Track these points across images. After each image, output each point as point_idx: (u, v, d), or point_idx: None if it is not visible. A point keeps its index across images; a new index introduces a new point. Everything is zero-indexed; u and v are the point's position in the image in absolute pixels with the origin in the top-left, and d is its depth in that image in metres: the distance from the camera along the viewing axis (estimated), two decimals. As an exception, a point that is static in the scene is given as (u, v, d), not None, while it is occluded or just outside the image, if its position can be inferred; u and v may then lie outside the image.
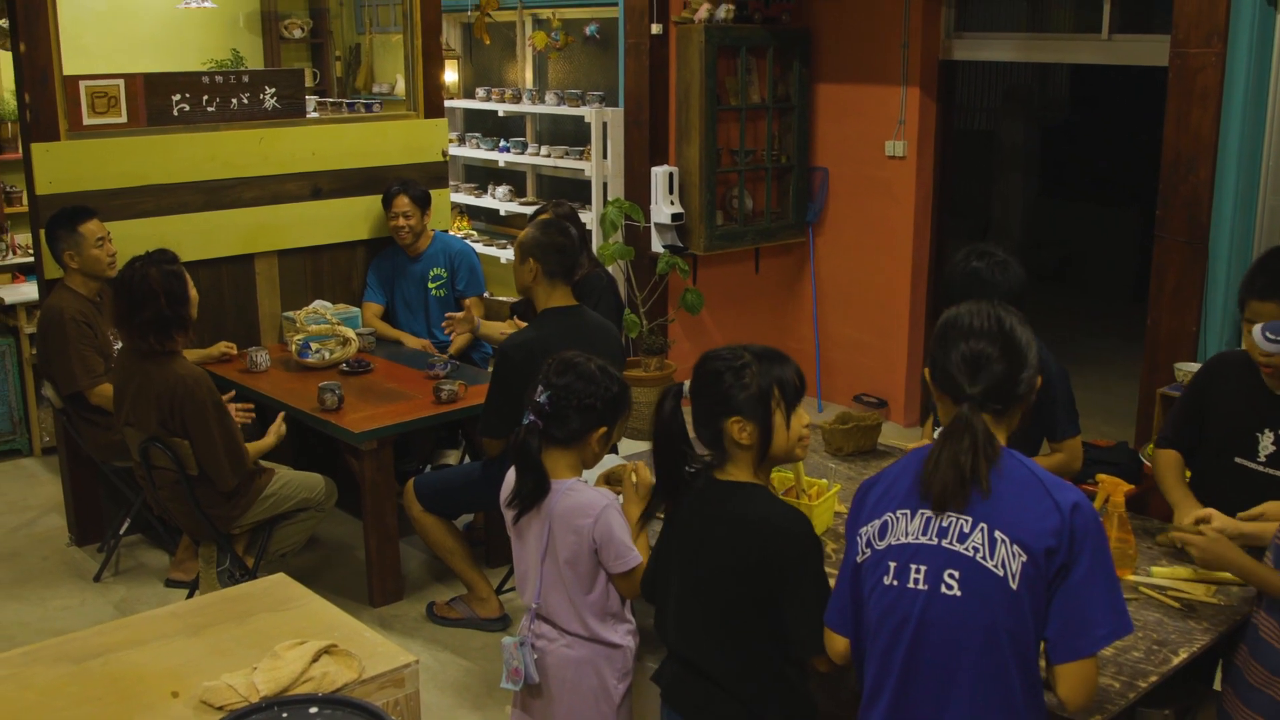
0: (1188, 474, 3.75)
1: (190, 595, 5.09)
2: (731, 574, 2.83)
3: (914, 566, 2.51)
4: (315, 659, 2.73)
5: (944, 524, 2.49)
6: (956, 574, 2.46)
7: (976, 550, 2.44)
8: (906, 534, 2.54)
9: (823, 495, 3.68)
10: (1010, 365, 2.54)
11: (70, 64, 5.62)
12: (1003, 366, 2.54)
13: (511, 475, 3.38)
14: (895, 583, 2.53)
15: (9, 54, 5.92)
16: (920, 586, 2.49)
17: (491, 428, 4.60)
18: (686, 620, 2.96)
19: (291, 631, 2.97)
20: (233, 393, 5.27)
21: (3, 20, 5.86)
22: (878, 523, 2.60)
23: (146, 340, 4.63)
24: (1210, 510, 3.22)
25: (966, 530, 2.47)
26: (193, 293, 4.80)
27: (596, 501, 3.23)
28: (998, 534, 2.43)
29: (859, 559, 2.63)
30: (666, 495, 3.08)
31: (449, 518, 5.05)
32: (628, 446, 6.09)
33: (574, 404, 3.25)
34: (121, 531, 5.66)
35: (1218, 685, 3.36)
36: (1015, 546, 2.41)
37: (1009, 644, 2.42)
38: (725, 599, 2.85)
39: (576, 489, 3.26)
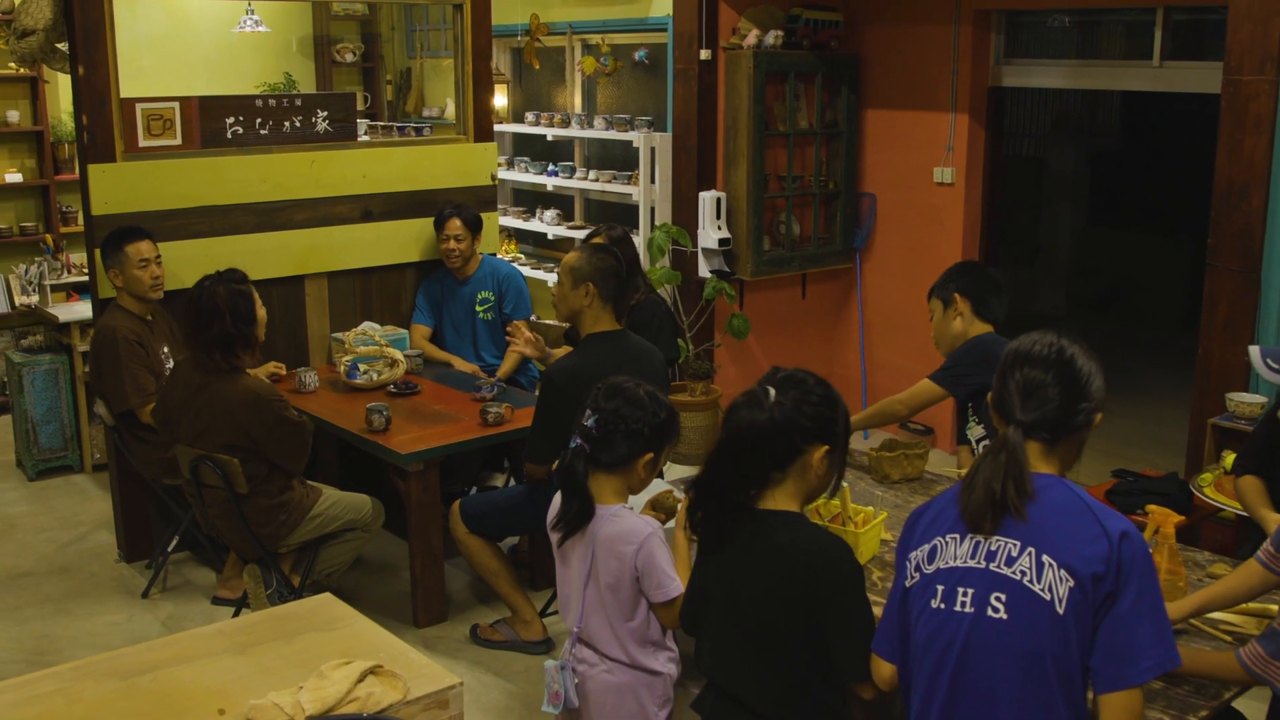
0: None
1: (236, 613, 5.13)
2: (774, 603, 2.81)
3: (961, 590, 2.51)
4: (361, 679, 2.75)
5: (993, 548, 2.49)
6: (1003, 597, 2.45)
7: (1024, 574, 2.44)
8: (956, 557, 2.53)
9: (869, 523, 3.66)
10: (1066, 394, 2.55)
11: (127, 87, 5.71)
12: (1058, 394, 2.54)
13: (558, 498, 3.38)
14: (943, 605, 2.53)
15: (68, 77, 6.01)
16: (967, 609, 2.49)
17: (536, 453, 4.61)
18: (726, 649, 2.94)
19: (337, 651, 2.99)
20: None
21: (63, 44, 5.94)
22: (927, 547, 2.60)
23: (213, 357, 4.70)
24: None
25: (1015, 554, 2.47)
26: (260, 312, 4.88)
27: (641, 529, 3.22)
28: (1045, 558, 2.43)
29: (907, 583, 2.63)
30: (721, 525, 2.92)
31: (494, 540, 5.06)
32: (674, 472, 6.09)
33: (621, 429, 3.25)
34: (170, 549, 5.71)
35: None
36: (1063, 571, 2.41)
37: (1053, 669, 2.41)
38: (767, 628, 2.83)
39: (622, 515, 3.26)
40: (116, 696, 2.83)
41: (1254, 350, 3.51)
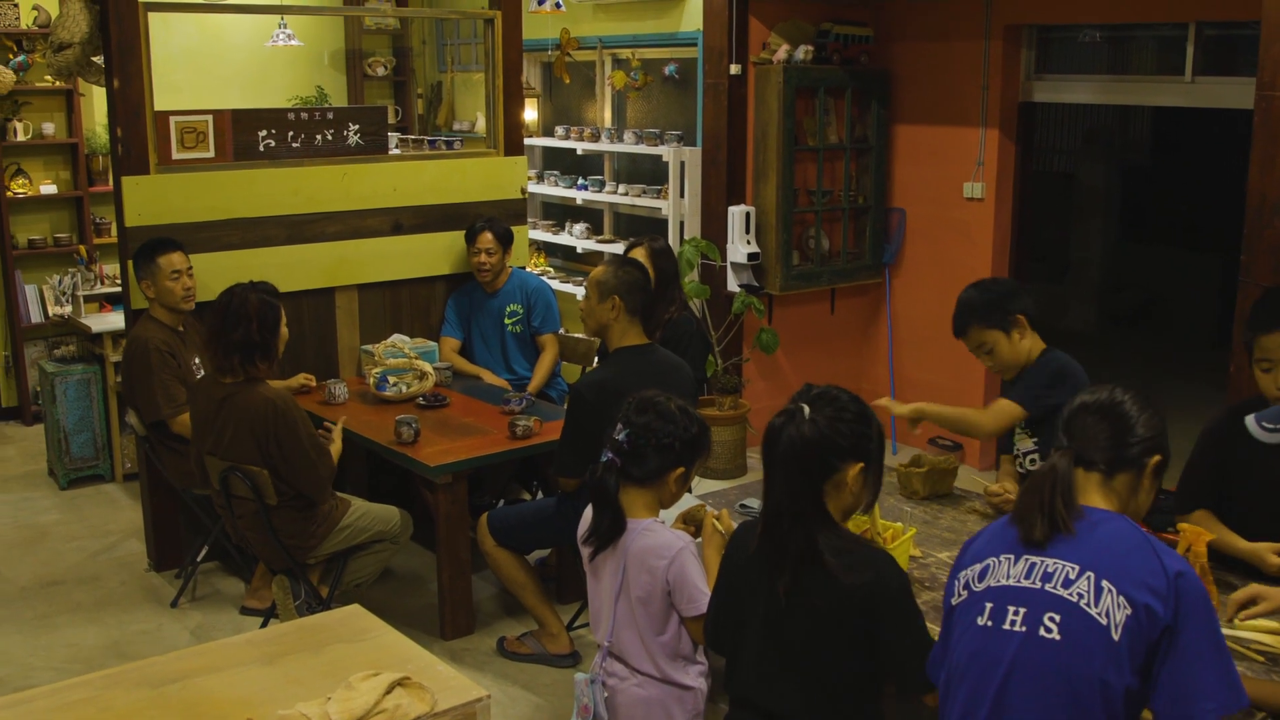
0: None
1: (265, 624, 5.15)
2: (821, 618, 2.78)
3: (1011, 608, 2.51)
4: (389, 691, 2.75)
5: (1049, 569, 2.50)
6: (1057, 618, 2.45)
7: (1081, 597, 2.45)
8: (1008, 576, 2.55)
9: (898, 539, 3.65)
10: (1114, 428, 2.62)
11: (161, 100, 5.76)
12: (1105, 427, 2.63)
13: (589, 512, 3.39)
14: (990, 623, 2.53)
15: (104, 90, 6.07)
16: (1017, 628, 2.49)
17: (565, 466, 4.62)
18: (765, 666, 2.89)
19: (366, 663, 2.99)
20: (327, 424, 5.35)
21: (99, 58, 6.00)
22: (979, 566, 2.62)
23: (231, 360, 4.73)
24: None
25: (1072, 577, 2.48)
26: (283, 329, 4.91)
27: (672, 544, 3.22)
28: (1105, 583, 2.44)
29: (954, 601, 2.63)
30: (801, 540, 2.81)
31: (522, 553, 5.06)
32: (703, 486, 6.08)
33: (652, 443, 3.25)
34: (199, 558, 5.74)
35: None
36: (1121, 598, 2.42)
37: (1100, 694, 2.40)
38: (813, 644, 2.80)
39: (653, 529, 3.26)
40: (146, 705, 2.84)
41: (1249, 420, 3.52)
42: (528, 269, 6.89)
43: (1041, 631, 2.46)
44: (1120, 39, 6.98)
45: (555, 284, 7.87)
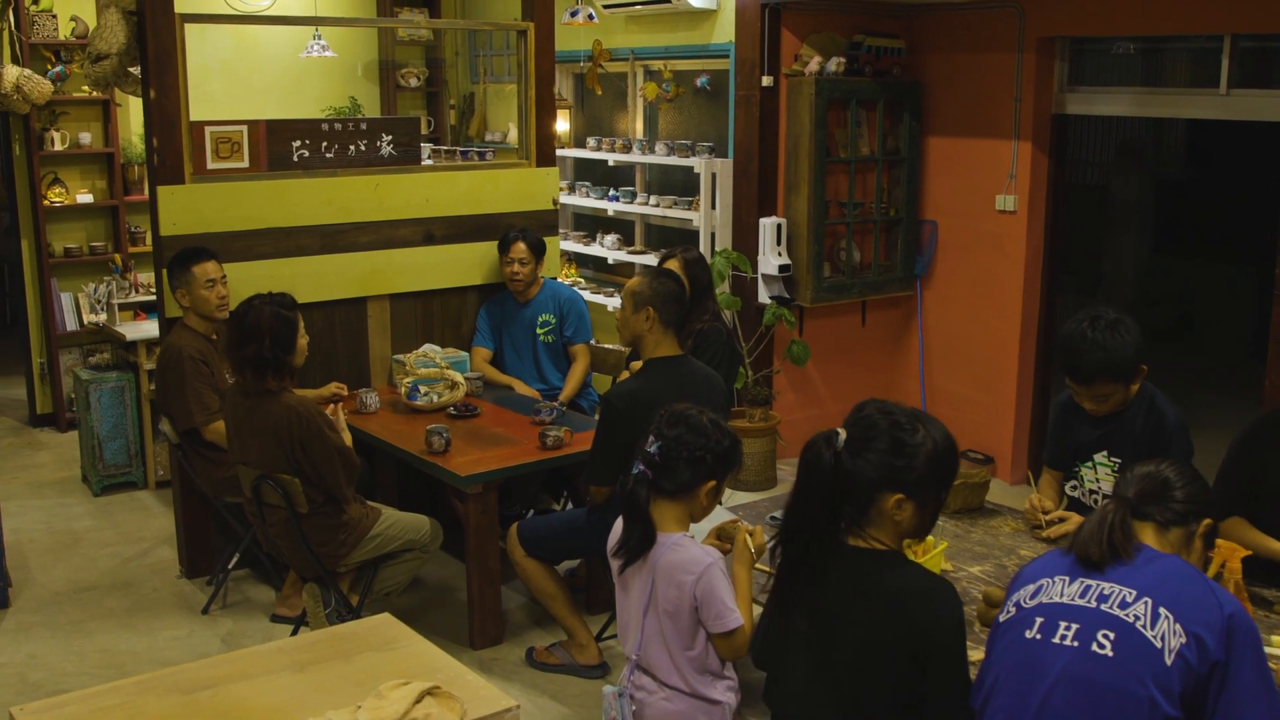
0: None
1: (295, 631, 5.17)
2: (877, 647, 2.71)
3: (1064, 623, 2.54)
4: (419, 700, 2.76)
5: (1106, 591, 2.54)
6: (1112, 636, 2.48)
7: (1138, 619, 2.49)
8: (1061, 595, 2.59)
9: (929, 552, 3.64)
10: (1163, 491, 2.74)
11: (196, 110, 5.81)
12: (1154, 488, 2.75)
13: (619, 524, 3.38)
14: (1039, 636, 2.56)
15: (140, 100, 6.12)
16: (1068, 643, 2.51)
17: (595, 475, 4.63)
18: (812, 691, 2.85)
19: (396, 672, 3.00)
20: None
21: (135, 68, 6.06)
22: (1032, 586, 2.68)
23: (244, 374, 4.75)
24: None
25: (1129, 600, 2.52)
26: (301, 340, 4.90)
27: (701, 559, 3.21)
28: (1163, 610, 2.48)
29: (1002, 618, 2.64)
30: (811, 563, 2.80)
31: (551, 563, 5.07)
32: (734, 498, 6.08)
33: (684, 456, 3.25)
34: (230, 566, 5.77)
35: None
36: (1179, 625, 2.46)
37: (1149, 713, 2.40)
38: (864, 671, 2.74)
39: (682, 544, 3.25)
40: (178, 711, 2.86)
41: None
42: (558, 280, 6.90)
43: (1094, 647, 2.49)
44: (1155, 51, 6.95)
45: (586, 295, 7.88)
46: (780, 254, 7.34)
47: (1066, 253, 7.98)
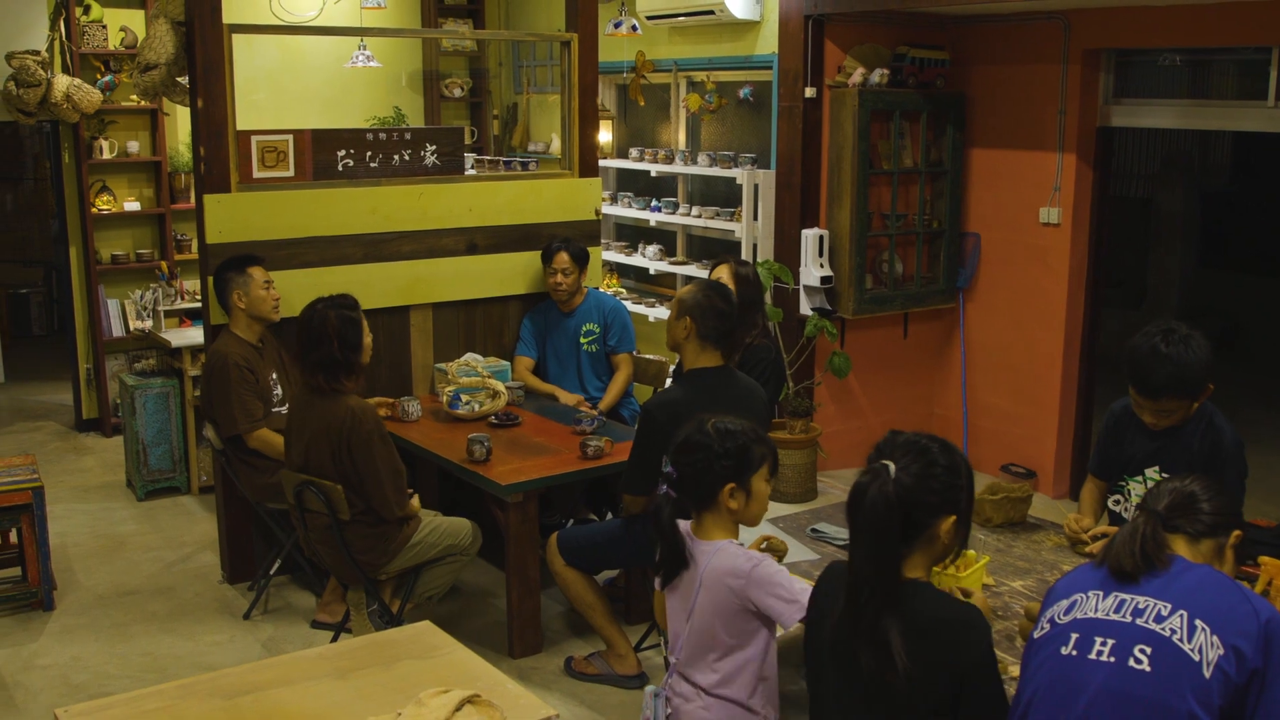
0: None
1: (335, 638, 5.19)
2: (910, 677, 2.64)
3: (1099, 639, 2.53)
4: (458, 708, 2.77)
5: (1140, 606, 2.53)
6: (1149, 650, 2.47)
7: (1174, 633, 2.47)
8: (1096, 610, 2.58)
9: (970, 567, 3.62)
10: (1191, 506, 2.73)
11: (243, 119, 5.86)
12: (1183, 502, 2.74)
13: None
14: (1075, 652, 2.54)
15: (187, 109, 6.18)
16: (1104, 658, 2.50)
17: (632, 485, 4.63)
18: (843, 708, 2.82)
19: (436, 679, 3.02)
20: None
21: (183, 78, 6.12)
22: (1066, 602, 2.66)
23: (316, 378, 4.80)
24: None
25: (1165, 614, 2.51)
26: (367, 339, 4.98)
27: (743, 566, 3.22)
28: (1199, 622, 2.47)
29: (1036, 635, 2.63)
30: (882, 601, 2.70)
31: (591, 573, 5.07)
32: (774, 510, 6.05)
33: (696, 466, 3.28)
34: (271, 571, 5.81)
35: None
36: (1215, 637, 2.44)
37: None
38: (896, 702, 2.69)
39: (725, 550, 3.26)
40: (220, 716, 2.88)
41: None
42: (600, 289, 6.91)
43: (1131, 663, 2.47)
44: (1201, 63, 6.89)
45: (627, 305, 7.88)
46: (822, 265, 7.33)
47: (1111, 265, 7.92)
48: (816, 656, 2.90)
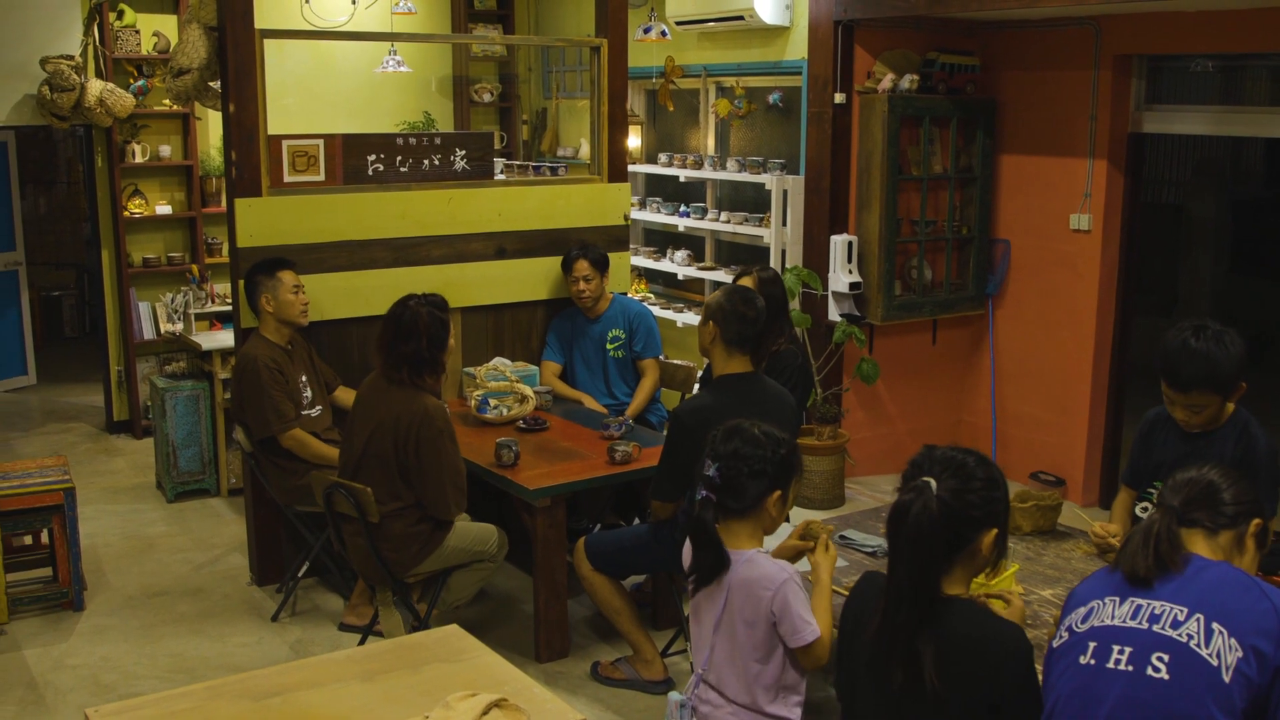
0: None
1: (363, 641, 5.21)
2: (943, 696, 2.63)
3: (1116, 648, 2.50)
4: (485, 712, 2.77)
5: (1156, 611, 2.49)
6: (1166, 658, 2.44)
7: (1191, 638, 2.44)
8: (1113, 617, 2.55)
9: (1000, 575, 3.60)
10: (1210, 496, 2.69)
11: (274, 124, 5.89)
12: (1200, 494, 2.69)
13: (689, 546, 3.38)
14: (1093, 661, 2.51)
15: (219, 114, 6.22)
16: (1123, 667, 2.47)
17: (662, 491, 4.62)
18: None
19: (463, 683, 3.02)
20: None
21: (215, 83, 6.16)
22: (1084, 609, 2.62)
23: (400, 371, 4.84)
24: None
25: (1181, 619, 2.48)
26: (451, 341, 5.05)
27: (776, 575, 3.21)
28: (1215, 625, 2.44)
29: (1055, 644, 2.61)
30: (920, 619, 2.66)
31: (618, 578, 5.07)
32: (801, 517, 6.04)
33: (744, 471, 3.24)
34: (300, 574, 5.83)
35: None
36: (1233, 640, 2.41)
37: None
38: (936, 714, 2.67)
39: (756, 560, 3.25)
40: (249, 717, 2.89)
41: None
42: (629, 295, 6.92)
43: (1149, 671, 2.44)
44: (1234, 69, 6.85)
45: (656, 310, 7.89)
46: (851, 271, 7.31)
47: (1142, 272, 7.87)
48: (850, 669, 2.88)
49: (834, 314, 7.39)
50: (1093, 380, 7.30)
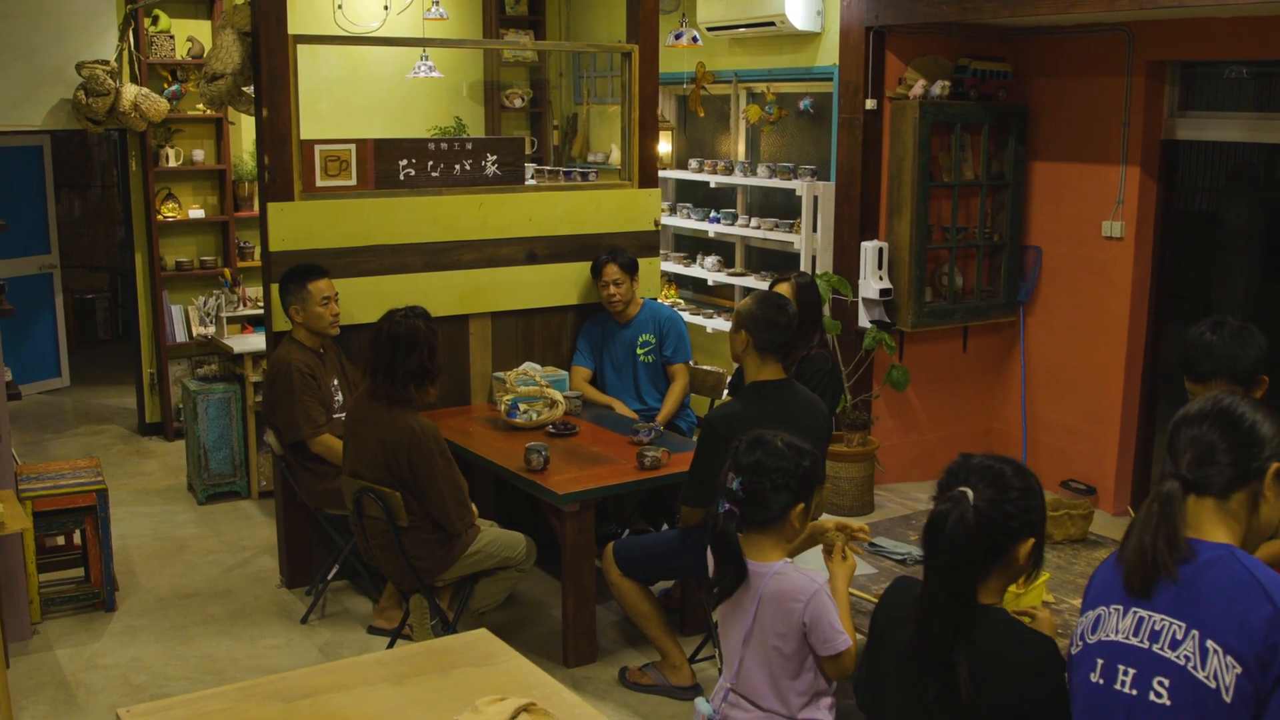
0: None
1: (391, 644, 5.23)
2: (976, 710, 2.60)
3: (1122, 668, 2.46)
4: (514, 716, 2.77)
5: (1156, 627, 2.43)
6: (1166, 683, 2.39)
7: (1188, 660, 2.38)
8: (1117, 631, 2.49)
9: (1030, 584, 3.58)
10: (1236, 436, 2.48)
11: (306, 129, 5.93)
12: (1221, 437, 2.49)
13: (710, 558, 3.38)
14: (1101, 680, 2.48)
15: (252, 119, 6.25)
16: (1127, 690, 2.43)
17: (692, 497, 4.61)
18: None
19: (492, 687, 3.02)
20: None
21: (249, 88, 6.19)
22: (1093, 615, 2.56)
23: (405, 388, 4.85)
24: None
25: (1179, 637, 2.40)
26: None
27: (807, 586, 3.21)
28: (1210, 644, 2.36)
29: (1073, 651, 2.58)
30: (955, 631, 2.63)
31: (646, 583, 5.06)
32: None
33: (768, 485, 3.22)
34: (329, 577, 5.85)
35: None
36: (1229, 658, 2.34)
37: None
38: None
39: (784, 572, 3.24)
40: (279, 718, 2.91)
41: None
42: (658, 300, 6.92)
43: (1151, 696, 2.40)
44: (1268, 75, 6.80)
45: (685, 316, 7.88)
46: (881, 278, 7.30)
47: (1175, 280, 7.83)
48: (879, 677, 2.87)
49: (864, 320, 7.37)
50: (1124, 388, 7.26)
